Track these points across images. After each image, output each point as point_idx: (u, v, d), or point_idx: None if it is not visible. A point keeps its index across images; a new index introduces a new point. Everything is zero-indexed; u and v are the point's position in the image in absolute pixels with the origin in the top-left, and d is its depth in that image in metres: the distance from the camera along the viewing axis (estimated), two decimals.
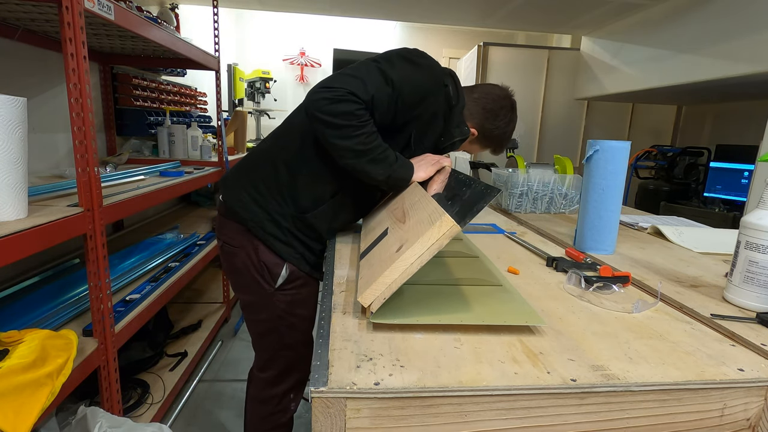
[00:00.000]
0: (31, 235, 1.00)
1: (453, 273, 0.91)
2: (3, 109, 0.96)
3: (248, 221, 1.13)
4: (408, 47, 1.11)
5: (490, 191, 0.78)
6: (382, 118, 1.04)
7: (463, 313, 0.71)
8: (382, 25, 4.93)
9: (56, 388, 1.01)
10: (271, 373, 1.26)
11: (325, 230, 1.17)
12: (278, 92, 4.85)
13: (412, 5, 3.16)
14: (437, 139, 1.18)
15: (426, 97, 1.08)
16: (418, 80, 1.06)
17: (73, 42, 1.10)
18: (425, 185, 1.08)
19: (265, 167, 1.15)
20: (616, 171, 1.14)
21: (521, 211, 1.77)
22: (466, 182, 0.95)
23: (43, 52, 1.78)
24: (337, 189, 1.14)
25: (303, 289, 1.20)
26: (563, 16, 3.19)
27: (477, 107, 1.20)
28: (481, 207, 0.74)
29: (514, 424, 0.57)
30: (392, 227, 0.88)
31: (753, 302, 0.82)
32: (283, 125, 1.20)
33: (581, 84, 3.62)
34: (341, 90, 0.96)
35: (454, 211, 0.71)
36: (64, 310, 1.36)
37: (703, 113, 3.74)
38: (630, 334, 0.71)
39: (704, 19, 2.41)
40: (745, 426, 0.62)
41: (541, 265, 1.07)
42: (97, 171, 1.20)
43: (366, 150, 1.00)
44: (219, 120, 2.42)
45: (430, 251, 0.68)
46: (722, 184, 2.93)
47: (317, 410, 0.53)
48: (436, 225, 0.68)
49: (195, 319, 2.44)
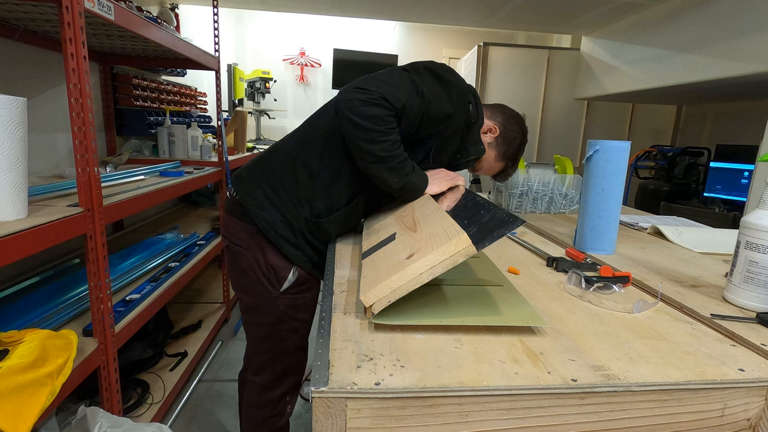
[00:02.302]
0: (31, 235, 1.00)
1: (453, 273, 0.91)
2: (3, 109, 0.96)
3: (260, 221, 1.11)
4: (435, 61, 1.11)
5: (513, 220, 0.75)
6: (408, 128, 1.05)
7: (464, 314, 0.71)
8: (382, 25, 4.93)
9: (56, 388, 1.01)
10: (266, 377, 1.25)
11: (335, 235, 1.17)
12: (278, 92, 4.85)
13: (412, 5, 3.16)
14: (453, 156, 1.19)
15: (451, 114, 1.08)
16: (445, 97, 1.07)
17: (73, 42, 1.10)
18: (436, 199, 1.08)
19: (285, 168, 1.12)
20: (616, 171, 1.14)
21: (521, 211, 1.77)
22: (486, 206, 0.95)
23: (43, 52, 1.78)
24: (354, 195, 1.13)
25: (307, 293, 1.19)
26: (563, 16, 3.19)
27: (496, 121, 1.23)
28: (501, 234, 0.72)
29: (515, 424, 0.57)
30: (401, 234, 0.88)
31: (753, 302, 0.82)
32: (305, 127, 1.17)
33: (581, 84, 3.63)
34: (375, 94, 0.97)
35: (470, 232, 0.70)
36: (64, 310, 1.36)
37: (703, 113, 3.75)
38: (630, 334, 0.71)
39: (704, 19, 2.41)
40: (745, 426, 0.62)
41: (541, 266, 1.07)
42: (97, 171, 1.20)
43: (387, 157, 1.00)
44: (219, 120, 2.42)
45: (442, 265, 0.67)
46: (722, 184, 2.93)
47: (318, 410, 0.53)
48: (453, 241, 0.68)
49: (195, 319, 2.44)
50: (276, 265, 1.13)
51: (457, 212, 1.05)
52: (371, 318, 0.69)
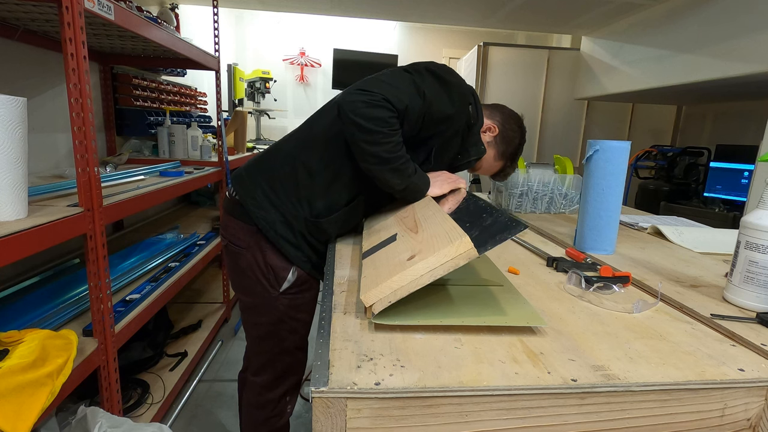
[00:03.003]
0: (31, 235, 1.00)
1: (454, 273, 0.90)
2: (3, 109, 0.96)
3: (260, 221, 1.11)
4: (435, 62, 1.11)
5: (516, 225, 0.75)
6: (409, 129, 1.05)
7: (464, 314, 0.71)
8: (382, 25, 4.93)
9: (56, 388, 1.01)
10: (266, 378, 1.25)
11: (334, 235, 1.17)
12: (278, 92, 4.85)
13: (412, 5, 3.16)
14: (454, 157, 1.19)
15: (452, 115, 1.08)
16: (446, 98, 1.07)
17: (73, 42, 1.10)
18: (437, 202, 1.08)
19: (284, 168, 1.12)
20: (616, 171, 1.14)
21: (521, 211, 1.77)
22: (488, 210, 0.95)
23: (43, 52, 1.78)
24: (354, 196, 1.13)
25: (307, 294, 1.19)
26: (563, 16, 3.19)
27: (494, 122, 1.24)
28: (504, 238, 0.73)
29: (515, 424, 0.57)
30: (402, 234, 0.88)
31: (753, 302, 0.82)
32: (306, 127, 1.17)
33: (581, 84, 3.63)
34: (378, 95, 0.97)
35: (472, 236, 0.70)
36: (64, 310, 1.36)
37: (703, 113, 3.74)
38: (630, 334, 0.71)
39: (704, 19, 2.41)
40: (745, 426, 0.62)
41: (541, 266, 1.07)
42: (97, 171, 1.20)
43: (390, 158, 1.00)
44: (219, 120, 2.42)
45: (444, 267, 0.67)
46: (722, 184, 2.93)
47: (318, 410, 0.53)
48: (455, 244, 0.68)
49: (195, 319, 2.44)
50: (275, 265, 1.13)
51: (459, 215, 1.05)
52: (371, 318, 0.69)
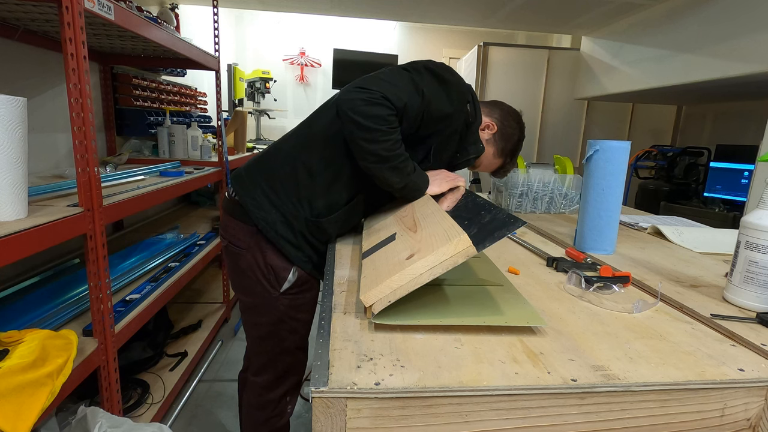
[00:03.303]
0: (31, 235, 1.00)
1: (453, 273, 0.91)
2: (3, 109, 0.96)
3: (260, 221, 1.10)
4: (434, 60, 1.11)
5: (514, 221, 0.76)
6: (408, 127, 1.05)
7: (464, 314, 0.71)
8: (382, 25, 4.93)
9: (56, 388, 1.01)
10: (267, 378, 1.24)
11: (335, 234, 1.17)
12: (278, 92, 4.85)
13: (412, 5, 3.16)
14: (453, 155, 1.19)
15: (451, 114, 1.09)
16: (445, 96, 1.07)
17: (73, 42, 1.10)
18: (436, 200, 1.08)
19: (284, 168, 1.12)
20: (616, 171, 1.14)
21: (521, 211, 1.77)
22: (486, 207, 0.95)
23: (43, 52, 1.78)
24: (354, 195, 1.13)
25: (307, 294, 1.19)
26: (563, 16, 3.19)
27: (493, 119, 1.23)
28: (502, 235, 0.73)
29: (515, 424, 0.57)
30: (401, 234, 0.88)
31: (753, 302, 0.82)
32: (305, 127, 1.17)
33: (581, 84, 3.63)
34: (377, 93, 0.97)
35: (471, 233, 0.70)
36: (64, 310, 1.36)
37: (703, 113, 3.75)
38: (630, 334, 0.71)
39: (704, 19, 2.41)
40: (745, 426, 0.62)
41: (541, 266, 1.07)
42: (97, 171, 1.20)
43: (389, 156, 1.00)
44: (219, 120, 2.42)
45: (442, 266, 0.67)
46: (722, 184, 2.93)
47: (318, 410, 0.53)
48: (453, 242, 0.68)
49: (195, 319, 2.44)
50: (276, 265, 1.13)
51: (457, 213, 1.05)
52: (371, 318, 0.69)
